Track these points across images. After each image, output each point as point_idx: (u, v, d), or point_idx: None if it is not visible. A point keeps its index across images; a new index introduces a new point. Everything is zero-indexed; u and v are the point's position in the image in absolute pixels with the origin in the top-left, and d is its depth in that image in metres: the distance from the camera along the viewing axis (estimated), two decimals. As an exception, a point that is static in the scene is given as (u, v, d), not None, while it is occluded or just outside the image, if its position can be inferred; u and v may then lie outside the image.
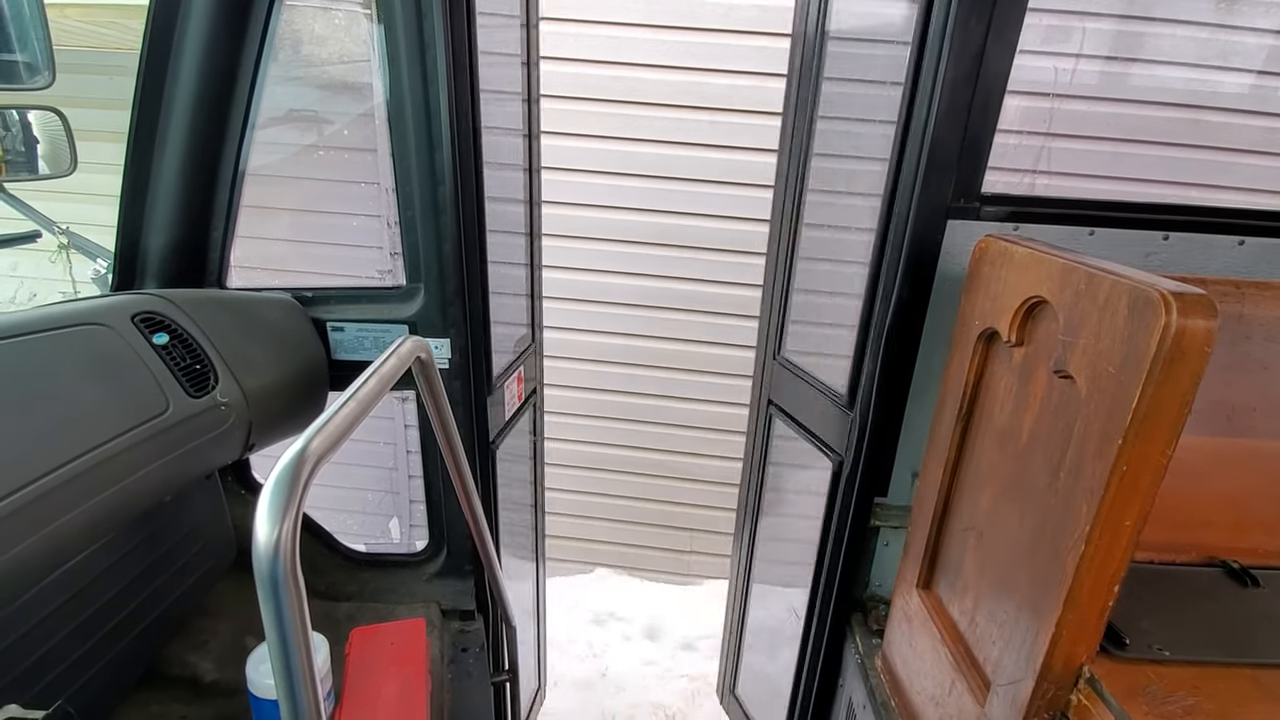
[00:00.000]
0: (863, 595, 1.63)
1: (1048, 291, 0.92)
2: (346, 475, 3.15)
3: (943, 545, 1.25)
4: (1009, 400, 1.04)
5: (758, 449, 2.01)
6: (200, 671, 1.33)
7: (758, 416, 1.99)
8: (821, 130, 1.67)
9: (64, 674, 1.03)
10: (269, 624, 0.54)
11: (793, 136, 1.74)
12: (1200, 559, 1.13)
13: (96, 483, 0.93)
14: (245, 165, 1.41)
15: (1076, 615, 0.85)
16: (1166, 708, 0.83)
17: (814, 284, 1.82)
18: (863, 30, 1.60)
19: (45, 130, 1.52)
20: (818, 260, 1.79)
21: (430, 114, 1.31)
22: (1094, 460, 0.80)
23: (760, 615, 2.16)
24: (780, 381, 1.84)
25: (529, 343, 1.99)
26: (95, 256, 1.63)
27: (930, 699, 1.22)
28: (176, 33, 1.26)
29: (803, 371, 1.73)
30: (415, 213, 1.39)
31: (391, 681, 1.22)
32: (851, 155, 1.65)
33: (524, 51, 1.79)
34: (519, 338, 1.96)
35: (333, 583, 1.63)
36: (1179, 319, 0.70)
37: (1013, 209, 1.27)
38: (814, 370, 1.71)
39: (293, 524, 0.53)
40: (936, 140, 1.20)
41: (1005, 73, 1.17)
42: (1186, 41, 2.42)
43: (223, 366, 1.19)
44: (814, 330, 1.84)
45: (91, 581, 1.08)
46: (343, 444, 0.64)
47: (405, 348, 0.91)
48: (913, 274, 1.29)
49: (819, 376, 1.67)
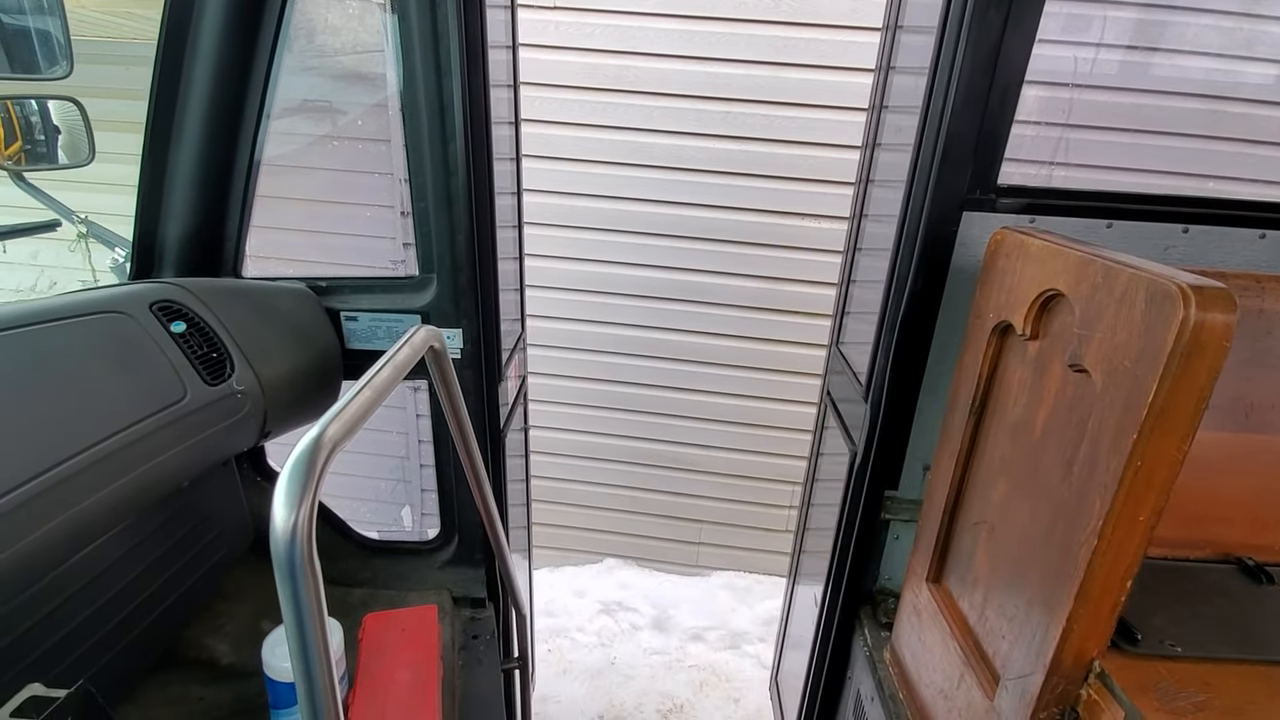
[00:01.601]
0: (872, 588, 1.63)
1: (1064, 284, 0.92)
2: (360, 464, 3.18)
3: (953, 539, 1.25)
4: (1023, 394, 1.03)
5: (815, 441, 2.07)
6: (217, 654, 1.35)
7: (820, 408, 2.04)
8: (886, 122, 1.69)
9: (84, 655, 1.05)
10: (286, 607, 0.55)
11: (870, 129, 1.77)
12: (1216, 555, 1.12)
13: (115, 468, 0.95)
14: (260, 155, 1.42)
15: (1088, 610, 0.85)
16: (1178, 704, 0.83)
17: (862, 275, 1.84)
18: (921, 24, 1.60)
19: (64, 120, 1.53)
20: (867, 251, 1.81)
21: (444, 105, 1.31)
22: (1108, 455, 0.80)
23: (797, 605, 2.21)
24: (835, 372, 1.88)
25: (518, 335, 2.01)
26: (114, 246, 1.65)
27: (939, 692, 1.22)
28: (192, 23, 1.27)
29: (847, 362, 1.76)
30: (428, 204, 1.39)
31: (404, 667, 1.24)
32: (895, 146, 1.66)
33: (508, 36, 1.80)
34: (513, 331, 1.98)
35: (346, 569, 1.65)
36: (1197, 313, 0.69)
37: (1029, 201, 1.25)
38: (852, 360, 1.73)
39: (309, 509, 0.54)
40: (953, 130, 1.19)
41: (1023, 63, 1.15)
42: (1210, 31, 2.37)
43: (239, 355, 1.20)
44: (856, 322, 1.86)
45: (111, 565, 1.10)
46: (358, 431, 0.64)
47: (419, 337, 0.92)
48: (927, 265, 1.28)
49: (854, 366, 1.69)
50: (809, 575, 2.09)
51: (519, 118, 1.92)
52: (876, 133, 1.72)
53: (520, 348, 2.01)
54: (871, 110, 1.76)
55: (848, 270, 1.88)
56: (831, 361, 1.94)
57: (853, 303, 1.86)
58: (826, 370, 1.98)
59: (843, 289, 1.91)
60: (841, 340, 1.89)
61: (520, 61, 1.88)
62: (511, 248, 1.96)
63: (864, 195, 1.77)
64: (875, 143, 1.72)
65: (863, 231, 1.79)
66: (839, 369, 1.83)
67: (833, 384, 1.89)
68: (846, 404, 1.70)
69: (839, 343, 1.90)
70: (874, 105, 1.74)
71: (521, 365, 2.08)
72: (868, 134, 1.78)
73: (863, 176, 1.79)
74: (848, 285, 1.88)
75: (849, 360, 1.75)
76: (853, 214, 1.86)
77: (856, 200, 1.83)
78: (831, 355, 1.94)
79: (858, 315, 1.84)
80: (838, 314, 1.93)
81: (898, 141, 1.65)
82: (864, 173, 1.78)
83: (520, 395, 2.03)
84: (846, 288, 1.88)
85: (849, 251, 1.87)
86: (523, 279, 2.07)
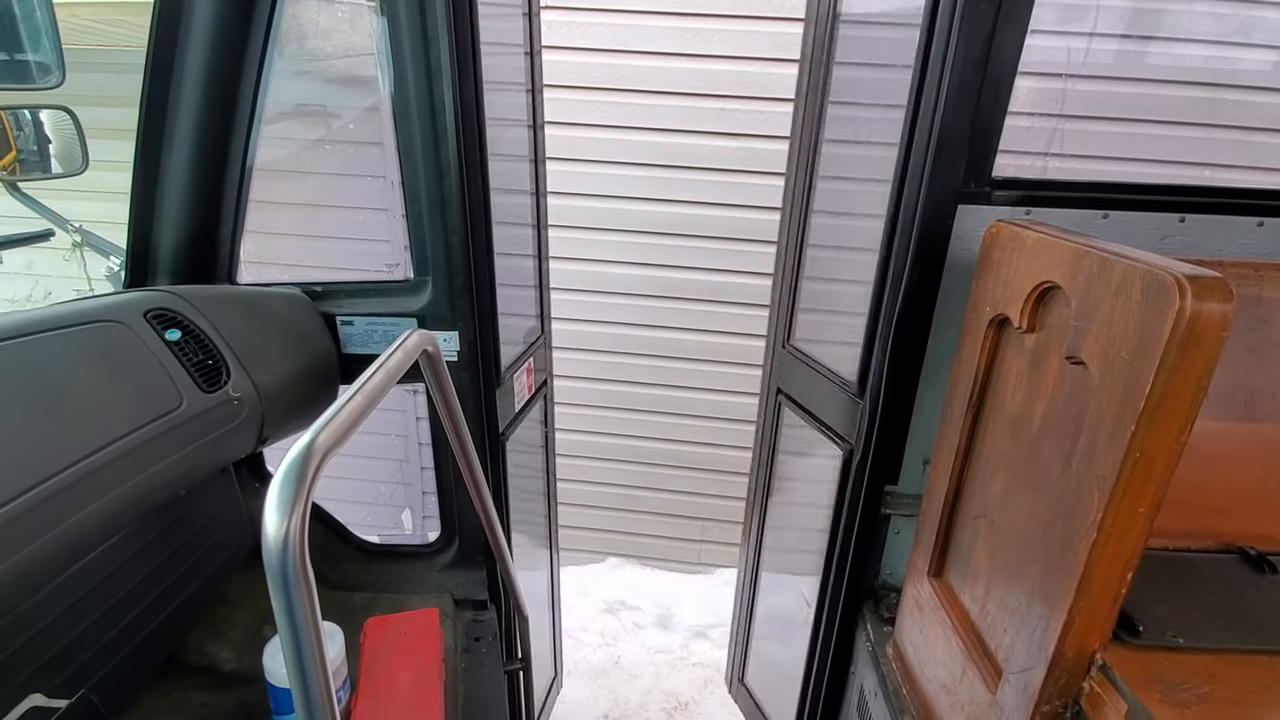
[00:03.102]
0: (874, 583, 1.63)
1: (1060, 276, 0.91)
2: (360, 468, 3.18)
3: (954, 533, 1.24)
4: (1020, 387, 1.03)
5: (767, 438, 2.01)
6: (219, 660, 1.35)
7: (767, 405, 1.98)
8: (833, 116, 1.65)
9: (86, 664, 1.05)
10: (280, 615, 0.54)
11: (804, 122, 1.72)
12: (1217, 546, 1.12)
13: (112, 478, 0.95)
14: (253, 161, 1.42)
15: (1089, 603, 0.84)
16: (1181, 695, 0.83)
17: (825, 271, 1.81)
18: (874, 14, 1.58)
19: (57, 129, 1.53)
20: (828, 247, 1.78)
21: (435, 108, 1.31)
22: (1107, 447, 0.79)
23: (770, 604, 2.16)
24: (790, 370, 1.83)
25: (538, 334, 1.99)
26: (108, 254, 1.65)
27: (942, 686, 1.22)
28: (181, 29, 1.26)
29: (812, 360, 1.72)
30: (422, 207, 1.39)
31: (406, 670, 1.24)
32: (863, 141, 1.63)
33: (527, 41, 1.79)
34: (528, 329, 1.96)
35: (347, 574, 1.65)
36: (1194, 303, 0.69)
37: (1024, 193, 1.25)
38: (823, 358, 1.70)
39: (301, 516, 0.54)
40: (946, 124, 1.18)
41: (1016, 54, 1.15)
42: (1204, 17, 2.36)
43: (234, 361, 1.20)
44: (823, 318, 1.83)
45: (111, 574, 1.10)
46: (351, 437, 0.64)
47: (412, 341, 0.91)
48: (923, 260, 1.28)
49: (828, 364, 1.66)
50: (782, 570, 2.08)
51: (539, 120, 1.89)
52: (819, 126, 1.66)
53: (540, 346, 1.99)
54: (808, 103, 1.69)
55: (794, 266, 1.81)
56: (779, 360, 1.88)
57: (815, 299, 1.82)
58: (773, 368, 1.93)
59: (788, 285, 1.84)
60: (795, 338, 1.84)
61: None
62: (529, 245, 1.95)
63: (809, 188, 1.71)
64: (822, 137, 1.67)
65: (812, 225, 1.74)
66: (794, 365, 1.79)
67: (789, 382, 1.83)
68: (823, 402, 1.66)
69: (790, 340, 1.84)
70: (811, 98, 1.67)
71: (544, 365, 2.06)
72: (807, 128, 1.71)
73: (803, 171, 1.73)
74: (796, 281, 1.82)
75: (815, 357, 1.72)
76: (794, 208, 1.78)
77: (800, 194, 1.75)
78: (779, 354, 1.87)
79: (823, 312, 1.82)
80: (784, 311, 1.86)
81: (857, 136, 1.64)
82: (806, 167, 1.72)
83: (540, 396, 2.01)
84: (796, 284, 1.82)
85: (793, 247, 1.80)
86: (543, 277, 2.03)
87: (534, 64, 1.82)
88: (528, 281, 1.98)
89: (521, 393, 1.82)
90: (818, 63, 1.66)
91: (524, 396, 1.84)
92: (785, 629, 2.04)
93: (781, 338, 1.87)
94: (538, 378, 1.98)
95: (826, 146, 1.68)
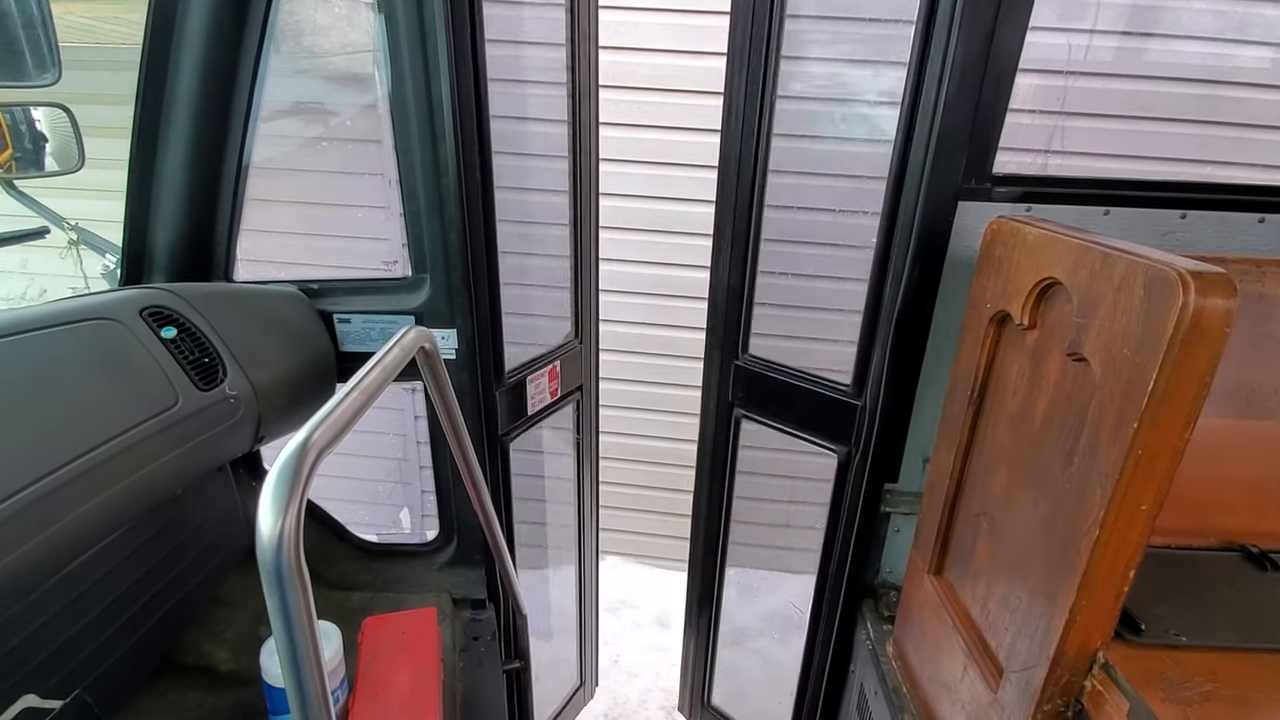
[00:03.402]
0: (874, 581, 1.62)
1: (1061, 273, 0.91)
2: (357, 466, 3.17)
3: (954, 531, 1.24)
4: (1021, 384, 1.03)
5: (717, 465, 1.87)
6: (216, 660, 1.34)
7: (714, 426, 1.83)
8: (784, 110, 1.54)
9: (81, 664, 1.04)
10: (274, 615, 0.54)
11: (740, 115, 1.55)
12: (1219, 543, 1.12)
13: (108, 476, 0.94)
14: (249, 158, 1.41)
15: (1091, 601, 0.84)
16: (1183, 693, 0.82)
17: (777, 266, 1.67)
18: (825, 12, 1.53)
19: (53, 127, 1.52)
20: (798, 242, 1.68)
21: (432, 105, 1.30)
22: (1109, 444, 0.79)
23: (744, 617, 2.08)
24: (750, 384, 1.71)
25: (570, 338, 1.90)
26: (104, 252, 1.64)
27: (943, 685, 1.21)
28: (177, 25, 1.25)
29: (786, 369, 1.64)
30: (420, 204, 1.38)
31: (404, 670, 1.23)
32: (833, 137, 1.59)
33: (569, 37, 1.71)
34: (554, 331, 1.88)
35: (345, 573, 1.65)
36: (1197, 299, 0.68)
37: (1025, 189, 1.24)
38: (799, 365, 1.63)
39: (296, 515, 0.53)
40: (946, 121, 1.18)
41: (1017, 50, 1.14)
42: (1204, 15, 2.36)
43: (231, 359, 1.19)
44: (794, 324, 1.74)
45: (107, 573, 1.09)
46: (346, 435, 0.63)
47: (409, 338, 0.91)
48: (923, 257, 1.27)
49: (810, 370, 1.60)
50: (755, 581, 2.01)
51: (584, 118, 1.79)
52: (771, 121, 1.53)
53: (571, 352, 1.87)
54: (740, 96, 1.53)
55: (748, 264, 1.64)
56: (734, 375, 1.73)
57: (783, 300, 1.71)
58: (718, 385, 1.77)
59: (734, 295, 1.67)
60: (750, 349, 1.71)
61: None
62: (561, 246, 1.88)
63: (761, 184, 1.58)
64: (771, 131, 1.54)
65: (768, 221, 1.62)
66: (755, 378, 1.67)
67: (751, 396, 1.71)
68: (802, 411, 1.59)
69: (747, 351, 1.71)
70: (743, 92, 1.52)
71: (578, 370, 1.93)
72: (738, 121, 1.55)
73: (758, 165, 1.57)
74: (751, 290, 1.67)
75: (790, 366, 1.63)
76: (745, 202, 1.60)
77: (756, 188, 1.59)
78: (728, 370, 1.72)
79: (793, 316, 1.73)
80: (732, 322, 1.70)
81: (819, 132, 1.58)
82: (761, 161, 1.57)
83: (568, 402, 1.92)
84: (750, 289, 1.67)
85: (738, 252, 1.64)
86: (581, 279, 1.90)
87: (576, 60, 1.74)
88: (556, 283, 1.90)
89: (539, 396, 1.75)
90: (741, 55, 1.53)
91: (541, 401, 1.77)
92: (769, 641, 1.98)
93: (731, 350, 1.72)
94: (566, 384, 1.86)
95: (778, 140, 1.56)
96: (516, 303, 1.51)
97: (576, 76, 1.76)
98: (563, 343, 1.89)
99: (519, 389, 1.67)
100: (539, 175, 1.78)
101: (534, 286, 1.76)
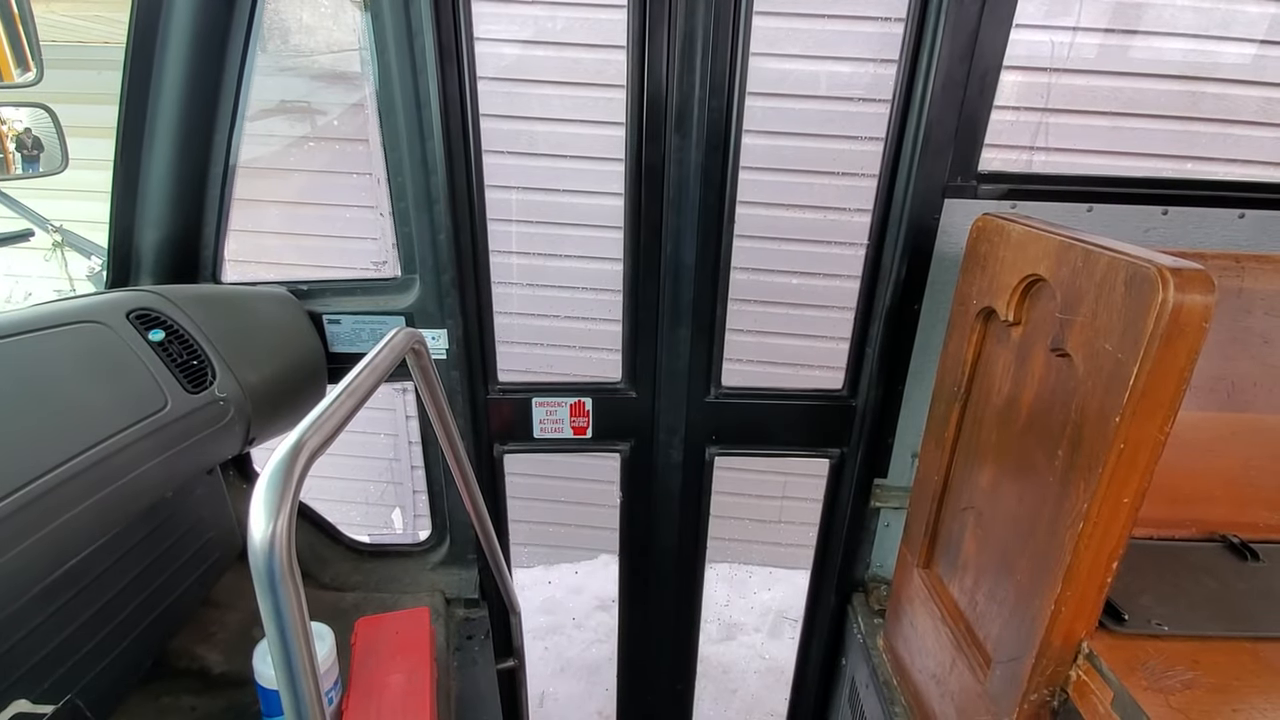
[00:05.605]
0: (864, 576, 1.64)
1: (1045, 269, 0.92)
2: (349, 467, 3.16)
3: (943, 525, 1.25)
4: (1007, 379, 1.04)
5: (688, 514, 1.79)
6: (209, 663, 1.34)
7: (684, 463, 1.69)
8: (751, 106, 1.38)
9: (72, 668, 1.04)
10: (267, 617, 0.54)
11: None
12: (1201, 534, 1.13)
13: (97, 480, 0.93)
14: (236, 158, 1.40)
15: (1075, 592, 0.85)
16: (1165, 681, 0.84)
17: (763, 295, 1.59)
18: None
19: (36, 127, 1.51)
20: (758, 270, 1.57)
21: (420, 103, 1.30)
22: (1092, 438, 0.80)
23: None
24: (721, 417, 1.61)
25: (620, 382, 1.61)
26: (89, 254, 1.63)
27: (932, 677, 1.23)
28: (161, 24, 1.24)
29: (768, 391, 1.58)
30: (408, 204, 1.38)
31: (397, 670, 1.23)
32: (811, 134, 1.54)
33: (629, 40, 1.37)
34: (590, 362, 1.76)
35: (337, 574, 1.64)
36: (1176, 295, 0.69)
37: (1010, 186, 1.26)
38: (779, 384, 1.59)
39: (288, 517, 0.53)
40: (932, 119, 1.19)
41: (1001, 48, 1.16)
42: (1186, 11, 2.38)
43: (220, 362, 1.19)
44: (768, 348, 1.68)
45: (98, 577, 1.08)
46: (337, 437, 0.64)
47: (398, 339, 0.91)
48: (911, 254, 1.29)
49: (795, 386, 1.56)
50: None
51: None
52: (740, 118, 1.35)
53: (614, 395, 1.63)
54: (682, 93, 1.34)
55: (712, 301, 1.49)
56: (703, 415, 1.60)
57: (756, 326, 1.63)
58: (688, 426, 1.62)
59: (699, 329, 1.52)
60: (723, 384, 1.57)
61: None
62: (614, 249, 1.54)
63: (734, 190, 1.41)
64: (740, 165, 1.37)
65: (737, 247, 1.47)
66: (729, 410, 1.58)
67: (726, 431, 1.63)
68: (781, 427, 1.56)
69: (721, 386, 1.57)
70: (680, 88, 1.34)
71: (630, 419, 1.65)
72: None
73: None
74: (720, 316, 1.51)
75: (773, 388, 1.57)
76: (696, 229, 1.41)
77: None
78: (696, 411, 1.59)
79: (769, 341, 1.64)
80: (700, 361, 1.55)
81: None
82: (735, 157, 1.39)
83: (610, 451, 1.70)
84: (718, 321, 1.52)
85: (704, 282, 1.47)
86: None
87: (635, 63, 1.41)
88: (611, 285, 1.74)
89: (553, 425, 1.62)
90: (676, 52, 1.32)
91: (557, 431, 1.63)
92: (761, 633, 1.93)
93: (698, 392, 1.58)
94: (601, 427, 1.62)
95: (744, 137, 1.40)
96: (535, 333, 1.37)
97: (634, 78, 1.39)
98: (600, 380, 1.63)
99: (523, 405, 1.60)
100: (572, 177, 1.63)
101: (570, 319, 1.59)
